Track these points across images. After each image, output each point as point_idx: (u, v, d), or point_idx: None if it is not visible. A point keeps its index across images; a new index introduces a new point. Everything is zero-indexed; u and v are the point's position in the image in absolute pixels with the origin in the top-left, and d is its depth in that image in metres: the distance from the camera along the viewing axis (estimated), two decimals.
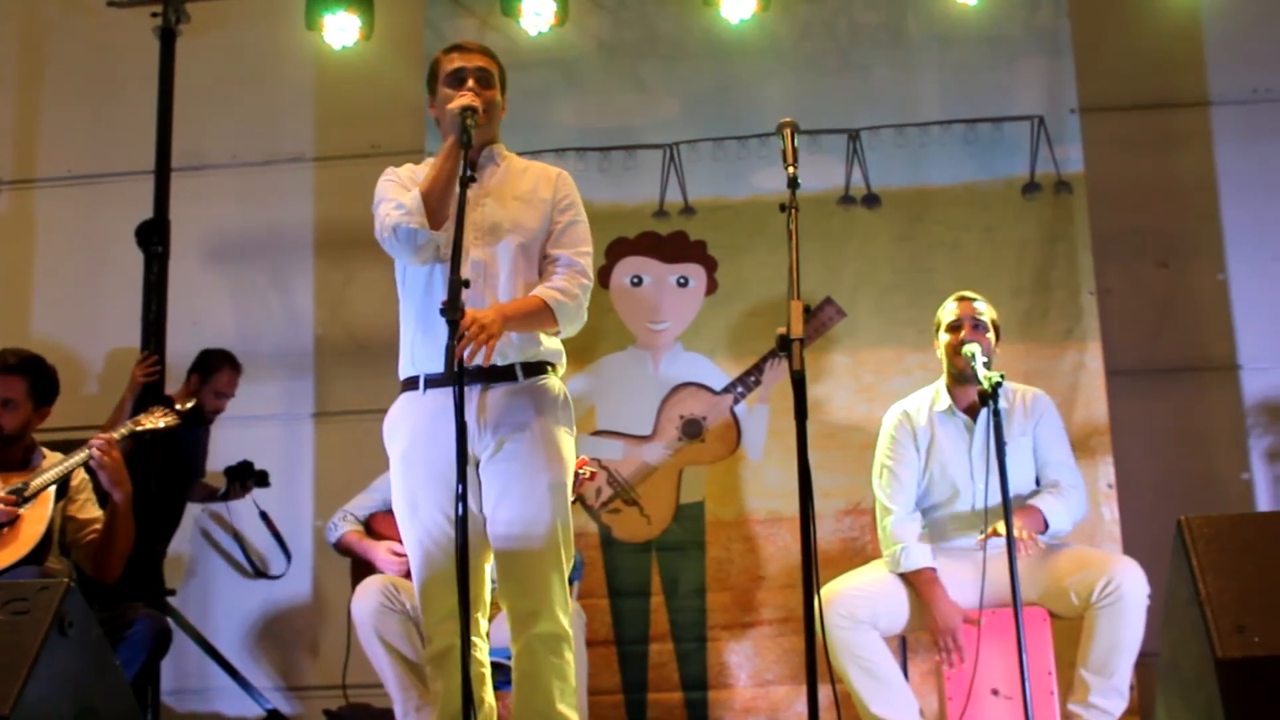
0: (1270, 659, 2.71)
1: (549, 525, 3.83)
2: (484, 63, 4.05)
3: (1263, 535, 2.97)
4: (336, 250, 6.63)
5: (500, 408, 3.85)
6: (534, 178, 4.09)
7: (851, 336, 5.93)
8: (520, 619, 3.84)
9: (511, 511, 3.83)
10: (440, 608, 3.80)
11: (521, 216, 3.97)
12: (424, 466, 3.83)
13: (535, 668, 3.82)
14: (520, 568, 3.84)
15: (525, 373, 3.90)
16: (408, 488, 3.89)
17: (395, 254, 3.92)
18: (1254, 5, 6.46)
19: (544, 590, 3.82)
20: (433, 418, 3.79)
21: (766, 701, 5.69)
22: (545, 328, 3.92)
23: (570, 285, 3.94)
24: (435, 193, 3.80)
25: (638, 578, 5.82)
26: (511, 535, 3.82)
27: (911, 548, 4.72)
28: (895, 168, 6.04)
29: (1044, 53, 6.07)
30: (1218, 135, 6.50)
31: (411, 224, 3.78)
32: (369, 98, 6.67)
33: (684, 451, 5.91)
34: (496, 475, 3.83)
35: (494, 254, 3.92)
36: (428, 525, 3.84)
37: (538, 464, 3.84)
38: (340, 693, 5.94)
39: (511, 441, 3.83)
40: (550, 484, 3.85)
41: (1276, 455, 6.25)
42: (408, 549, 3.93)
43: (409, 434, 3.91)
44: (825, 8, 6.20)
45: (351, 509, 5.33)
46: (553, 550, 3.84)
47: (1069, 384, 5.77)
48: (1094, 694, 4.45)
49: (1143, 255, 6.43)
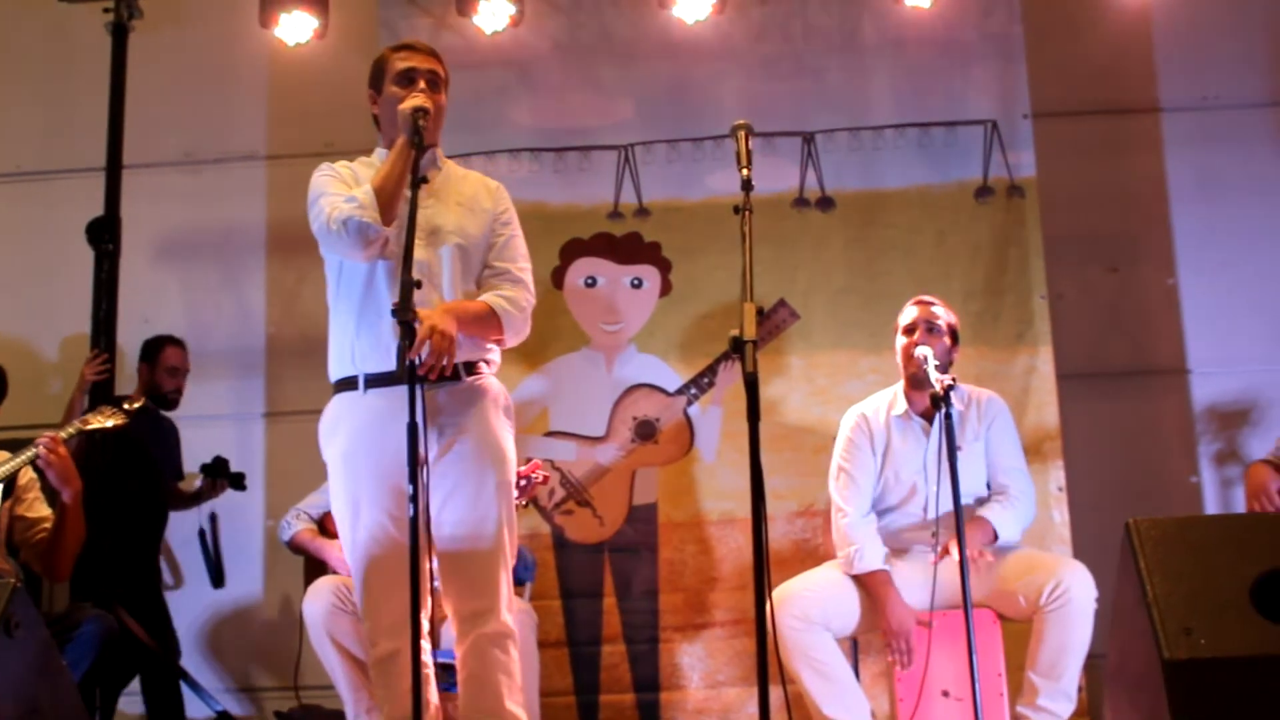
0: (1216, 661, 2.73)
1: (496, 524, 3.83)
2: (434, 65, 4.04)
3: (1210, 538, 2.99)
4: (289, 249, 6.59)
5: (445, 408, 3.83)
6: (475, 185, 4.11)
7: (805, 339, 5.95)
8: (468, 619, 3.83)
9: (460, 512, 3.82)
10: (385, 611, 3.78)
11: (465, 222, 3.97)
12: (367, 468, 3.80)
13: (483, 667, 3.80)
14: (470, 568, 3.83)
15: (467, 372, 3.89)
16: (350, 490, 3.85)
17: (340, 248, 3.86)
18: (1204, 13, 6.51)
19: (494, 589, 3.82)
20: (375, 418, 3.78)
21: (718, 703, 5.69)
22: (488, 335, 3.91)
23: (517, 297, 3.95)
24: (388, 190, 3.78)
25: (590, 579, 5.81)
26: (460, 536, 3.81)
27: (866, 549, 4.73)
28: (849, 171, 6.06)
29: (997, 58, 6.11)
30: (1168, 141, 6.56)
31: (365, 218, 3.75)
32: (323, 96, 6.63)
33: (637, 453, 5.91)
34: (444, 476, 3.81)
35: (437, 256, 3.90)
36: (371, 528, 3.81)
37: (484, 464, 3.84)
38: (292, 694, 5.93)
39: (458, 442, 3.83)
40: (497, 483, 3.85)
41: (1224, 459, 6.31)
42: (349, 552, 3.90)
43: (350, 435, 3.87)
44: (780, 10, 6.21)
45: (305, 508, 5.31)
46: (500, 549, 3.84)
47: (1020, 387, 5.80)
48: (1042, 696, 4.47)
49: (1094, 260, 6.47)
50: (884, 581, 4.69)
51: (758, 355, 3.29)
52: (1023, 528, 4.84)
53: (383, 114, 4.03)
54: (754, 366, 3.25)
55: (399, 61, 4.02)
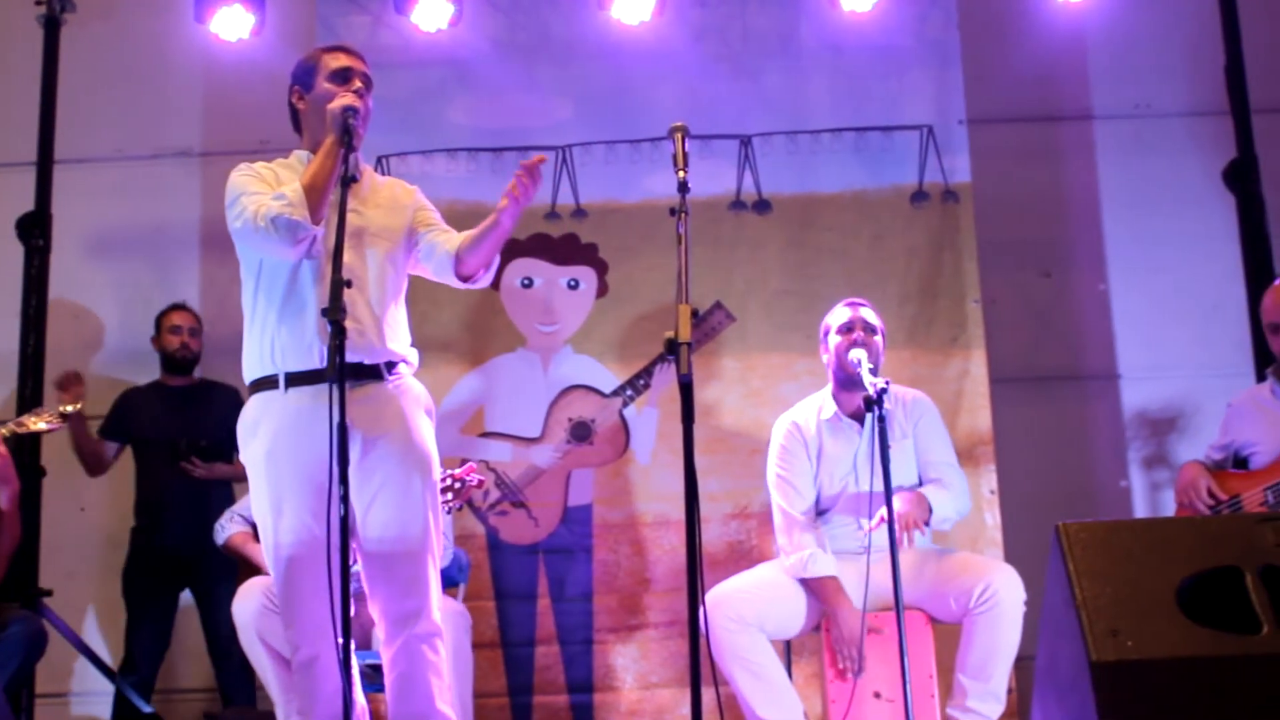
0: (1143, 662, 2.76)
1: (423, 525, 3.81)
2: (366, 69, 4.03)
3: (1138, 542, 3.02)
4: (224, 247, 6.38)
5: (367, 408, 3.80)
6: (393, 188, 4.14)
7: (741, 341, 5.96)
8: (398, 620, 3.80)
9: (387, 513, 3.79)
10: (309, 614, 3.75)
11: (387, 221, 3.98)
12: (290, 468, 3.77)
13: (414, 668, 3.79)
14: (399, 568, 3.80)
15: (389, 371, 3.87)
16: (272, 490, 3.81)
17: (267, 246, 3.80)
18: (1137, 23, 6.58)
19: (423, 589, 3.81)
20: (297, 418, 3.75)
21: (652, 704, 5.70)
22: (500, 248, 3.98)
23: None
24: (319, 188, 3.75)
25: (524, 580, 5.80)
26: (387, 538, 3.79)
27: (819, 555, 4.73)
28: (786, 174, 6.09)
29: (934, 64, 6.15)
30: (1100, 149, 6.63)
31: (294, 215, 3.71)
32: (259, 93, 6.53)
33: (572, 454, 5.91)
34: (369, 478, 3.78)
35: (361, 258, 3.88)
36: (295, 529, 3.77)
37: (409, 465, 3.82)
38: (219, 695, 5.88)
39: (382, 443, 3.80)
40: (422, 482, 3.83)
41: (1153, 463, 6.38)
42: (269, 554, 3.85)
43: (271, 434, 3.82)
44: (719, 13, 6.23)
45: (240, 510, 5.26)
46: (428, 549, 3.83)
47: (953, 391, 5.85)
48: (972, 698, 4.50)
49: (1027, 265, 6.53)
50: (836, 589, 4.69)
51: (693, 357, 3.29)
52: (959, 510, 4.87)
53: (310, 112, 4.00)
54: (688, 369, 3.26)
55: (334, 60, 3.99)
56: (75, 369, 5.78)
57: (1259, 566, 2.88)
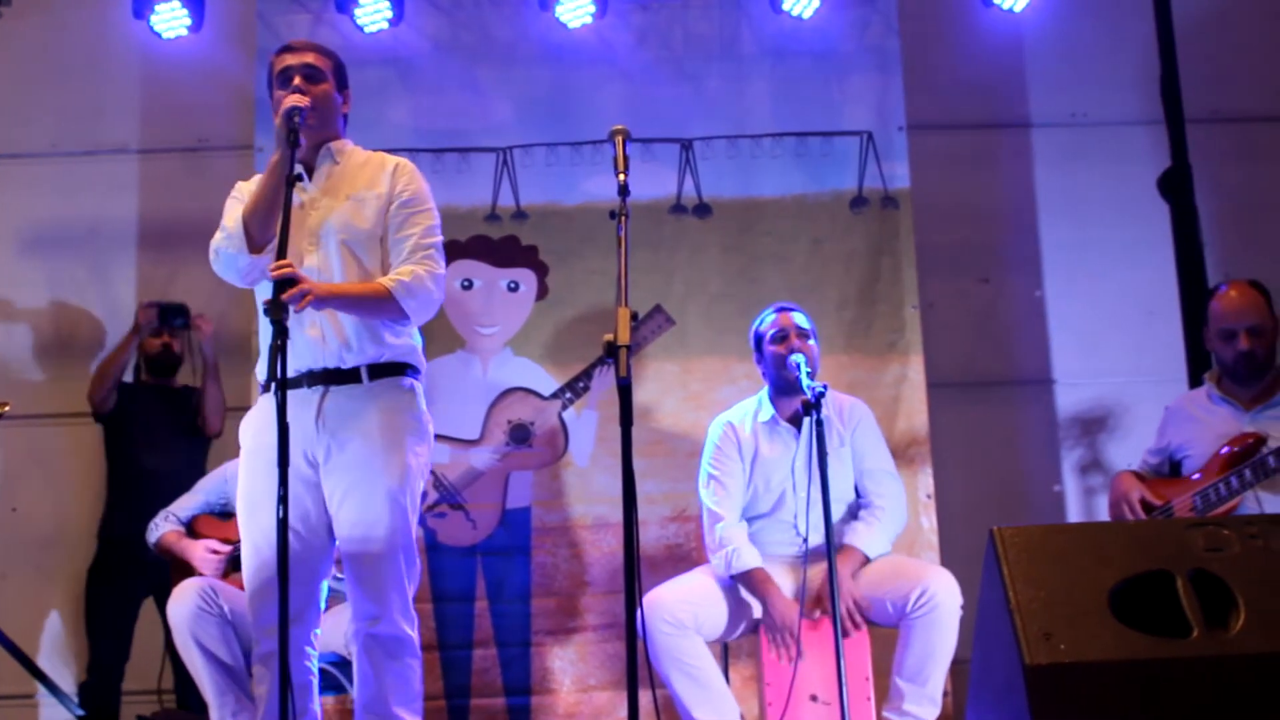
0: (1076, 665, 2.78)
1: (388, 531, 3.81)
2: (312, 59, 3.98)
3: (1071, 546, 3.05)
4: (161, 245, 6.47)
5: (340, 411, 3.81)
6: (371, 172, 4.03)
7: (680, 345, 5.97)
8: (362, 620, 3.86)
9: (353, 515, 3.82)
10: (270, 610, 3.75)
11: (350, 216, 3.92)
12: (263, 467, 3.78)
13: (374, 669, 3.84)
14: (361, 570, 3.84)
15: (371, 375, 3.86)
16: (248, 488, 3.88)
17: (222, 276, 3.87)
18: (1075, 32, 6.65)
19: (382, 594, 3.82)
20: (273, 418, 3.74)
21: (589, 707, 5.69)
22: (387, 314, 3.85)
23: (416, 269, 3.88)
24: (257, 215, 3.74)
25: (462, 582, 5.78)
26: (354, 538, 3.82)
27: (743, 550, 4.74)
28: (726, 178, 6.10)
29: (874, 70, 6.19)
30: (1038, 156, 6.68)
31: (230, 249, 3.75)
32: (198, 90, 6.51)
33: (511, 456, 5.90)
34: (338, 480, 3.83)
35: (326, 258, 3.87)
36: (263, 526, 3.79)
37: (376, 469, 3.82)
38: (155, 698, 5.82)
39: (352, 445, 3.80)
40: (389, 490, 3.83)
41: (1087, 468, 6.44)
42: (244, 548, 3.91)
43: (253, 434, 3.91)
44: (660, 17, 6.24)
45: (174, 510, 5.21)
46: (391, 555, 3.82)
47: (891, 395, 5.88)
48: (908, 701, 4.52)
49: (965, 271, 6.57)
50: (763, 579, 4.70)
51: (633, 360, 3.30)
52: (893, 537, 4.88)
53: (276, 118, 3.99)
54: (627, 371, 3.26)
55: (279, 64, 3.99)
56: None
57: (1189, 571, 2.92)
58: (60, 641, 6.19)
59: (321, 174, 3.99)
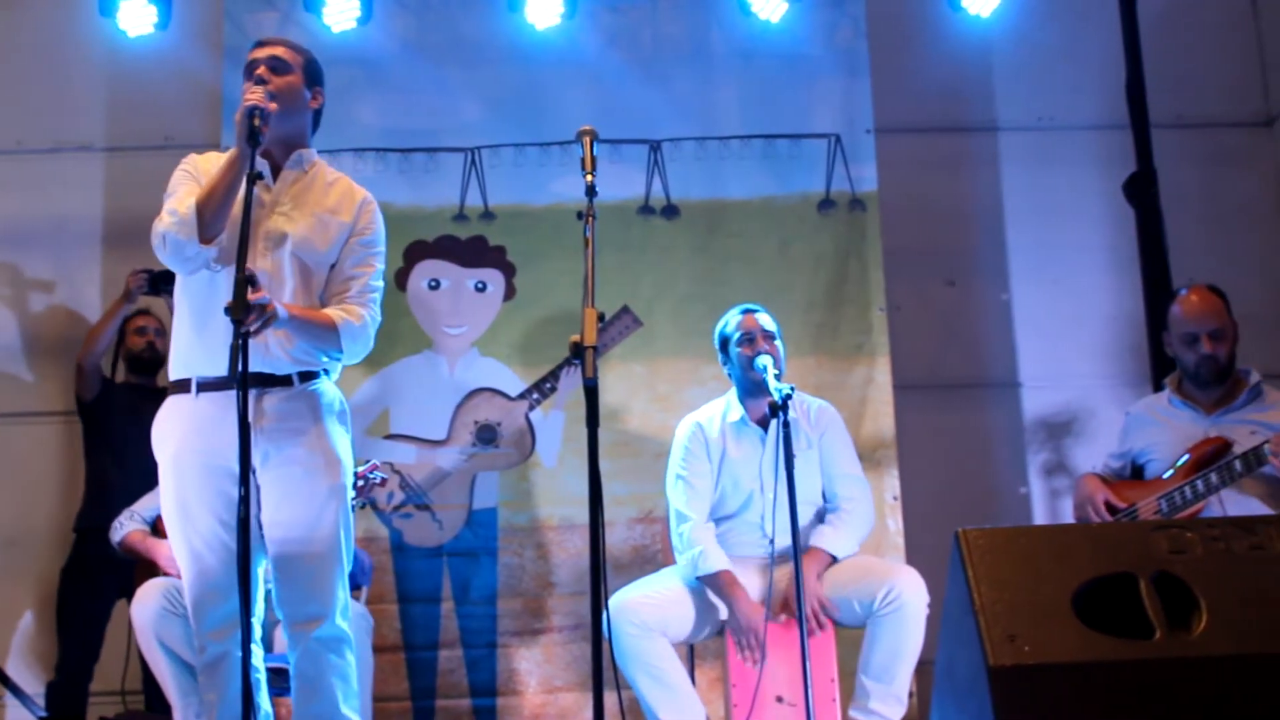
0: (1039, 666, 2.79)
1: (329, 529, 3.78)
2: (280, 51, 3.92)
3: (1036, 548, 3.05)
4: (126, 243, 6.42)
5: (275, 413, 3.77)
6: (338, 196, 3.97)
7: (648, 346, 5.98)
8: (300, 623, 3.79)
9: (291, 516, 3.77)
10: (214, 615, 3.73)
11: (313, 236, 3.86)
12: (196, 470, 3.74)
13: (317, 671, 3.78)
14: (301, 572, 3.78)
15: (300, 378, 3.83)
16: (179, 493, 3.79)
17: (163, 261, 3.77)
18: (1042, 37, 6.68)
19: (327, 594, 3.79)
20: (205, 421, 3.72)
21: (555, 708, 5.69)
22: (326, 345, 3.83)
23: (362, 311, 3.87)
24: (213, 204, 3.67)
25: (428, 583, 5.77)
26: (291, 539, 3.77)
27: (710, 551, 4.74)
28: (695, 179, 6.11)
29: (842, 73, 6.22)
30: (1005, 160, 6.71)
31: (180, 235, 3.66)
32: (164, 88, 6.48)
33: (478, 457, 5.89)
34: (275, 481, 3.77)
35: (279, 265, 3.82)
36: (201, 530, 3.75)
37: (316, 468, 3.79)
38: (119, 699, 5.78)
39: (289, 446, 3.77)
40: (330, 488, 3.80)
41: (1052, 470, 6.47)
42: (178, 555, 3.83)
43: (180, 437, 3.79)
44: (630, 18, 6.24)
45: (139, 509, 5.19)
46: (333, 553, 3.80)
47: (858, 397, 5.90)
48: (874, 700, 4.53)
49: (932, 273, 6.60)
50: (730, 581, 4.70)
51: (600, 361, 3.30)
52: (860, 539, 4.88)
53: None
54: (594, 372, 3.26)
55: (249, 59, 3.94)
56: None
57: (1152, 573, 2.93)
58: (31, 642, 6.14)
59: (287, 179, 3.93)
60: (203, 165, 3.90)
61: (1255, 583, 2.90)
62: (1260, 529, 3.00)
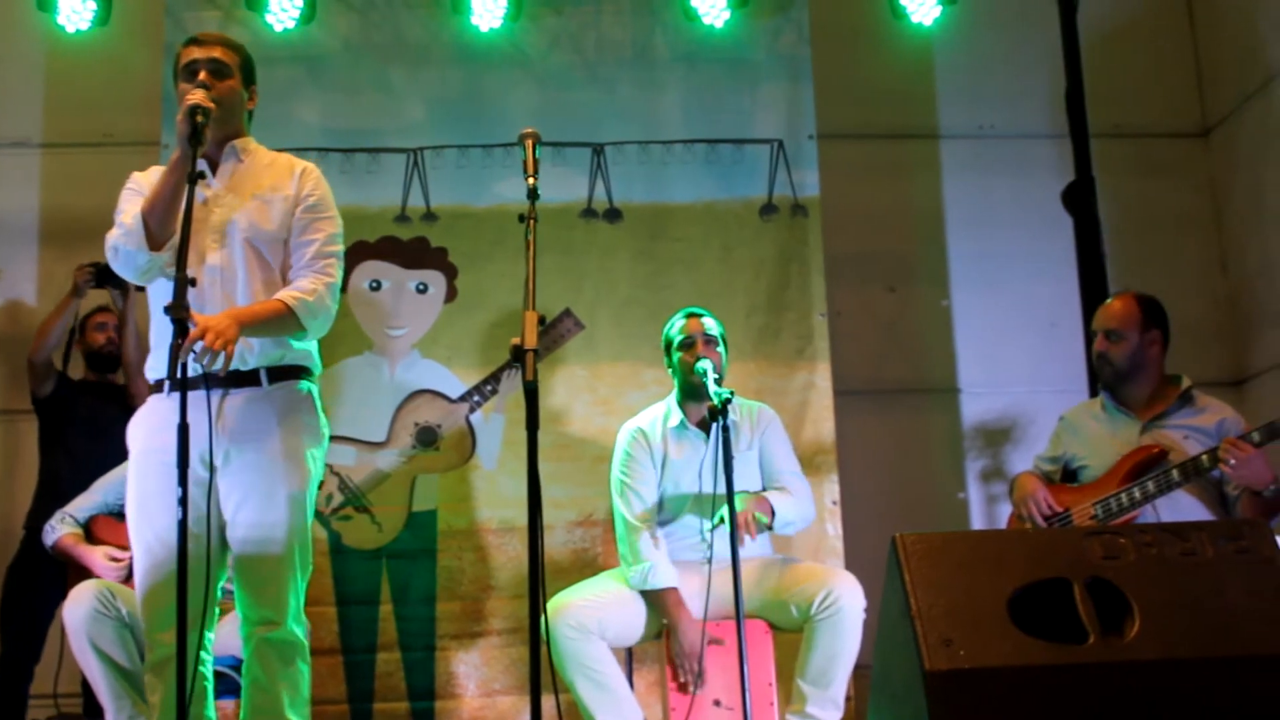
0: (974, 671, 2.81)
1: (286, 534, 3.78)
2: (218, 53, 3.91)
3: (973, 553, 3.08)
4: (64, 241, 6.37)
5: (240, 414, 3.77)
6: (277, 173, 3.99)
7: (590, 349, 5.97)
8: (255, 625, 3.80)
9: (250, 518, 3.77)
10: (164, 614, 3.69)
11: (257, 217, 3.87)
12: (156, 468, 3.73)
13: (267, 675, 3.77)
14: (256, 575, 3.79)
15: (271, 378, 3.82)
16: (140, 489, 3.80)
17: (120, 273, 3.81)
18: (984, 46, 6.75)
19: (279, 599, 3.78)
20: (170, 419, 3.69)
21: (493, 711, 5.67)
22: (289, 331, 3.82)
23: (314, 284, 3.85)
24: (157, 211, 3.67)
25: (367, 585, 5.73)
26: (250, 540, 3.77)
27: (659, 566, 4.75)
28: (637, 183, 6.11)
29: (785, 79, 6.23)
30: (946, 167, 6.78)
31: (129, 245, 3.68)
32: (103, 85, 6.43)
33: (418, 459, 5.86)
34: (236, 483, 3.77)
35: (230, 256, 3.82)
36: (157, 529, 3.73)
37: (276, 473, 3.78)
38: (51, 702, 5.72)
39: (251, 449, 3.76)
40: (289, 494, 3.79)
41: (990, 476, 6.52)
42: (135, 551, 3.82)
43: (146, 435, 3.82)
44: (574, 21, 6.24)
45: (71, 511, 5.13)
46: (289, 559, 3.79)
47: (799, 402, 5.91)
48: (811, 704, 4.55)
49: (873, 279, 6.64)
50: (676, 602, 4.71)
51: (541, 364, 3.30)
52: (803, 516, 4.92)
53: None
54: (533, 375, 3.26)
55: (185, 57, 3.92)
56: None
57: (1086, 578, 2.96)
58: None
59: (226, 171, 3.94)
60: (145, 181, 3.91)
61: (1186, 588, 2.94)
62: (1192, 535, 3.04)
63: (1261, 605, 2.90)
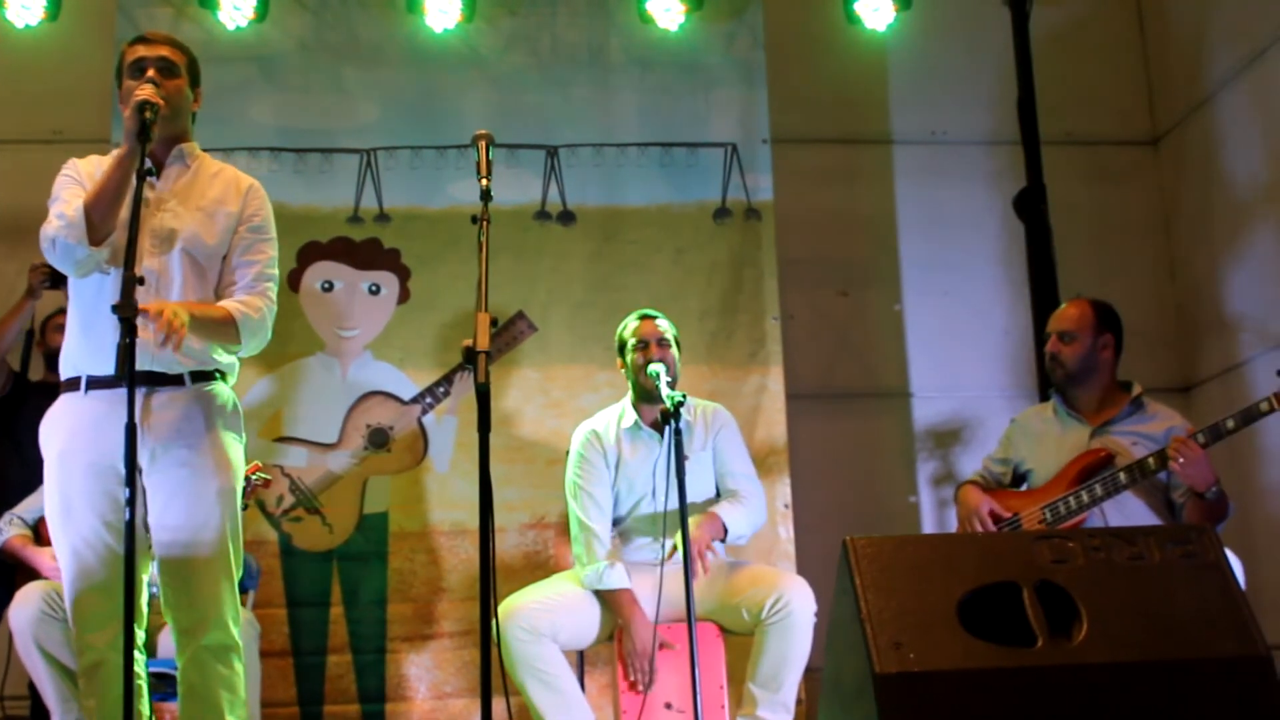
0: (924, 674, 2.82)
1: (218, 532, 3.72)
2: (167, 52, 3.87)
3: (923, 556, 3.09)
4: (12, 239, 6.30)
5: (165, 413, 3.71)
6: (223, 186, 3.93)
7: (543, 351, 5.97)
8: (187, 629, 3.72)
9: (178, 518, 3.70)
10: (95, 618, 3.65)
11: (200, 229, 3.82)
12: (81, 470, 3.68)
13: (204, 679, 3.71)
14: (188, 576, 3.72)
15: (192, 379, 3.78)
16: (63, 491, 3.72)
17: (55, 265, 3.73)
18: (936, 53, 6.79)
19: (213, 599, 3.72)
20: (94, 419, 3.66)
21: (445, 714, 5.66)
22: (225, 341, 3.79)
23: (260, 303, 3.82)
24: (101, 205, 3.60)
25: (317, 587, 5.71)
26: (178, 542, 3.70)
27: (614, 568, 4.77)
28: (592, 186, 6.12)
29: (739, 83, 6.25)
30: (898, 172, 6.81)
31: (69, 239, 3.60)
32: (53, 82, 6.37)
33: (369, 461, 5.84)
34: (163, 482, 3.71)
35: (167, 263, 3.77)
36: (83, 531, 3.68)
37: (205, 471, 3.73)
38: None
39: (178, 448, 3.71)
40: (219, 490, 3.74)
41: (940, 480, 6.55)
42: (59, 555, 3.75)
43: (67, 435, 3.74)
44: (529, 23, 6.24)
45: (19, 513, 5.08)
46: (222, 558, 3.74)
47: (751, 405, 5.93)
48: (761, 707, 4.56)
49: (825, 283, 6.67)
50: (629, 602, 4.72)
51: (493, 367, 3.29)
52: (754, 525, 4.95)
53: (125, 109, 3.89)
54: (485, 377, 3.25)
55: (132, 54, 3.87)
56: None
57: (1035, 582, 2.98)
58: None
59: (170, 175, 3.88)
60: (85, 168, 3.84)
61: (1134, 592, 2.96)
62: (1140, 540, 3.07)
63: (1207, 610, 2.94)
